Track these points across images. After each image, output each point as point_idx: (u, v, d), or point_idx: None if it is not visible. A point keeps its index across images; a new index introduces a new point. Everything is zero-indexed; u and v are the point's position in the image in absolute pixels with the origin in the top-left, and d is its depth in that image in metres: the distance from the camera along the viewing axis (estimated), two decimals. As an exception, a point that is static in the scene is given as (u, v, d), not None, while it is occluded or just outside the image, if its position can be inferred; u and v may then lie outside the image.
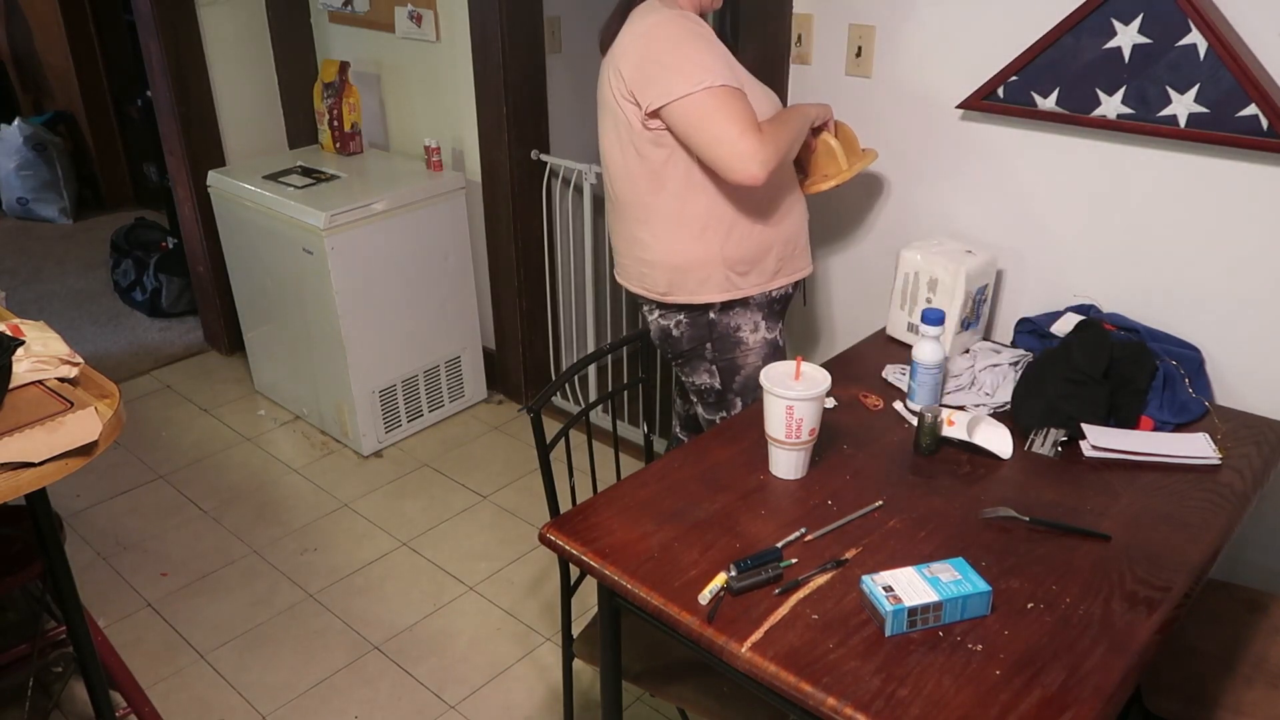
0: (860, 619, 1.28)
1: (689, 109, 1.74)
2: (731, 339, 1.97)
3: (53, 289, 4.48)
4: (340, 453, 3.20)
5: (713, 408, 2.06)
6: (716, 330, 1.96)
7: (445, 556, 2.71)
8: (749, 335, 1.97)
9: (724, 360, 1.99)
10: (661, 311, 1.99)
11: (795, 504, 1.52)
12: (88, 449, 1.48)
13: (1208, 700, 1.53)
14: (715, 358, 1.98)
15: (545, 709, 2.23)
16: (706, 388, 2.03)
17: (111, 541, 2.80)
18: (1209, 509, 1.51)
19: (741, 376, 2.00)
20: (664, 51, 1.76)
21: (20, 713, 2.19)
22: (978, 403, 1.78)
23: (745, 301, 1.96)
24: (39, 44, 5.35)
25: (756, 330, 1.98)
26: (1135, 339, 1.80)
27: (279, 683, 2.31)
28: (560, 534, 1.45)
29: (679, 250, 1.91)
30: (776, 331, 2.03)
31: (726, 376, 2.00)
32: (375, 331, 3.05)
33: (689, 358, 2.01)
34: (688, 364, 2.03)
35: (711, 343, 1.97)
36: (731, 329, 1.96)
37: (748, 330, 1.97)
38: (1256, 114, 1.65)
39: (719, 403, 2.04)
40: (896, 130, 2.14)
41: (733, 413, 2.03)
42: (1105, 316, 1.92)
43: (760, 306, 1.97)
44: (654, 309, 2.01)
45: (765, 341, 1.99)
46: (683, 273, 1.92)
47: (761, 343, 1.99)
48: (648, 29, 1.78)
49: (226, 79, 3.48)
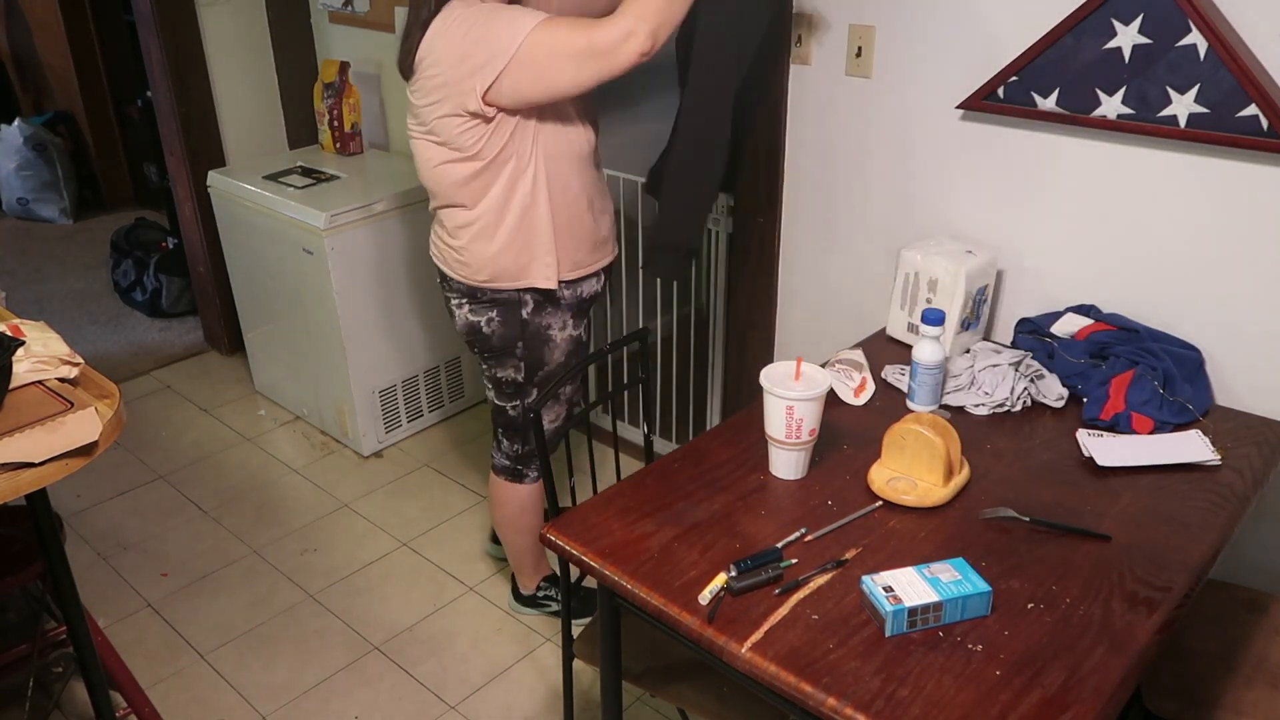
0: (860, 619, 1.28)
1: (530, 55, 1.74)
2: (541, 336, 2.04)
3: (53, 289, 4.48)
4: (340, 453, 3.20)
5: (508, 397, 2.15)
6: (529, 330, 2.03)
7: (445, 557, 2.71)
8: (558, 334, 2.06)
9: (533, 358, 2.07)
10: (472, 306, 2.04)
11: (795, 504, 1.52)
12: (88, 449, 1.48)
13: (1208, 700, 1.54)
14: (524, 354, 2.06)
15: (545, 709, 2.23)
16: (508, 380, 2.11)
17: (111, 541, 2.80)
18: (1209, 509, 1.51)
19: (543, 372, 2.10)
20: (472, 31, 1.77)
21: (20, 713, 2.19)
22: (977, 402, 1.79)
23: (557, 302, 2.03)
24: (39, 44, 5.35)
25: (564, 328, 2.06)
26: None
27: (279, 683, 2.31)
28: (560, 534, 1.45)
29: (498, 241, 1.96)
30: (582, 329, 2.11)
31: (530, 371, 2.09)
32: (375, 331, 3.05)
33: (497, 354, 2.08)
34: (493, 358, 2.10)
35: (523, 341, 2.05)
36: (542, 327, 2.03)
37: (556, 329, 2.05)
38: (1256, 114, 1.65)
39: (516, 393, 2.12)
40: (896, 130, 2.14)
41: (526, 402, 2.13)
42: (1105, 317, 1.92)
43: (568, 306, 2.05)
44: (464, 302, 2.06)
45: (571, 338, 2.09)
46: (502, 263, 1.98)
47: (567, 340, 2.08)
48: (446, 28, 1.81)
49: (226, 79, 3.48)
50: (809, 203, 2.35)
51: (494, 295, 2.02)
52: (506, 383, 2.12)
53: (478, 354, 2.13)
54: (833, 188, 2.29)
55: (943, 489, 1.51)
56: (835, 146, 2.25)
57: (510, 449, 2.25)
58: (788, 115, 2.30)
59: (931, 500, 1.50)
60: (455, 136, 1.87)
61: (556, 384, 1.82)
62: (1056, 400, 1.80)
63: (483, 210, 1.94)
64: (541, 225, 1.96)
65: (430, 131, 1.91)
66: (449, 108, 1.85)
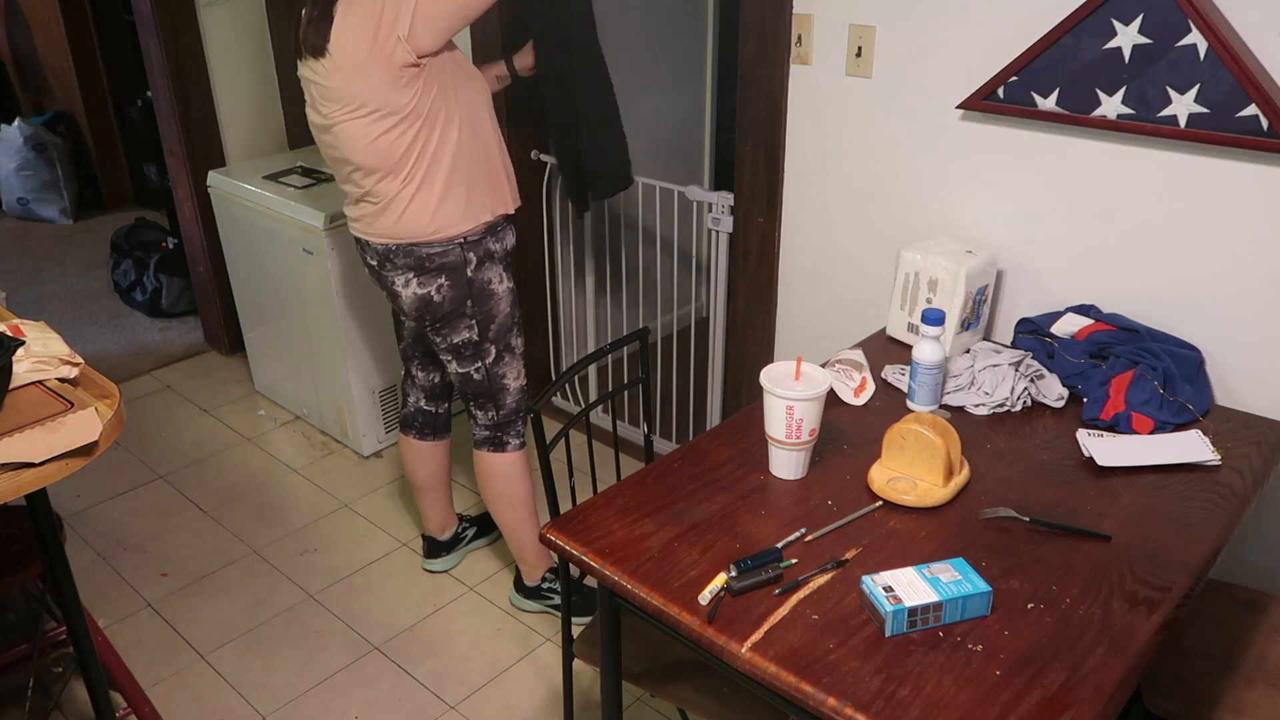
0: (860, 619, 1.28)
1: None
2: (486, 291, 2.18)
3: (53, 289, 4.48)
4: (340, 453, 3.20)
5: (469, 360, 2.24)
6: (474, 286, 2.16)
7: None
8: (498, 286, 2.20)
9: (482, 313, 2.19)
10: (420, 278, 2.13)
11: (795, 504, 1.52)
12: (88, 449, 1.48)
13: (1208, 700, 1.54)
14: (474, 312, 2.18)
15: (545, 709, 2.23)
16: (465, 342, 2.22)
17: (111, 541, 2.80)
18: (1209, 509, 1.51)
19: (495, 326, 2.22)
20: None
21: (20, 713, 2.19)
22: (977, 402, 1.79)
23: (492, 256, 2.17)
24: (39, 44, 5.35)
25: (502, 281, 2.21)
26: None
27: (279, 683, 2.31)
28: (560, 534, 1.45)
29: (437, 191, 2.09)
30: (511, 282, 2.24)
31: (483, 327, 2.21)
32: (375, 331, 3.05)
33: (449, 319, 2.18)
34: (446, 325, 2.19)
35: (471, 298, 2.17)
36: (485, 282, 2.18)
37: (496, 282, 2.19)
38: (1256, 114, 1.65)
39: (476, 353, 2.23)
40: (896, 130, 2.14)
41: (486, 361, 2.24)
42: (1105, 317, 1.92)
43: (499, 260, 2.20)
44: (411, 277, 2.14)
45: (509, 290, 2.23)
46: (447, 211, 2.10)
47: (507, 292, 2.22)
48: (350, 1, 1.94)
49: (226, 79, 3.48)
50: (809, 203, 2.35)
51: (440, 260, 2.12)
52: (465, 345, 2.21)
53: (430, 328, 2.22)
54: (833, 188, 2.29)
55: (943, 489, 1.51)
56: (835, 146, 2.25)
57: (485, 418, 2.31)
58: (788, 115, 2.30)
59: (931, 500, 1.50)
60: (391, 97, 1.97)
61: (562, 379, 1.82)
62: (1056, 400, 1.80)
63: (424, 166, 2.05)
64: (476, 166, 2.11)
65: (362, 105, 1.99)
66: (379, 71, 1.94)
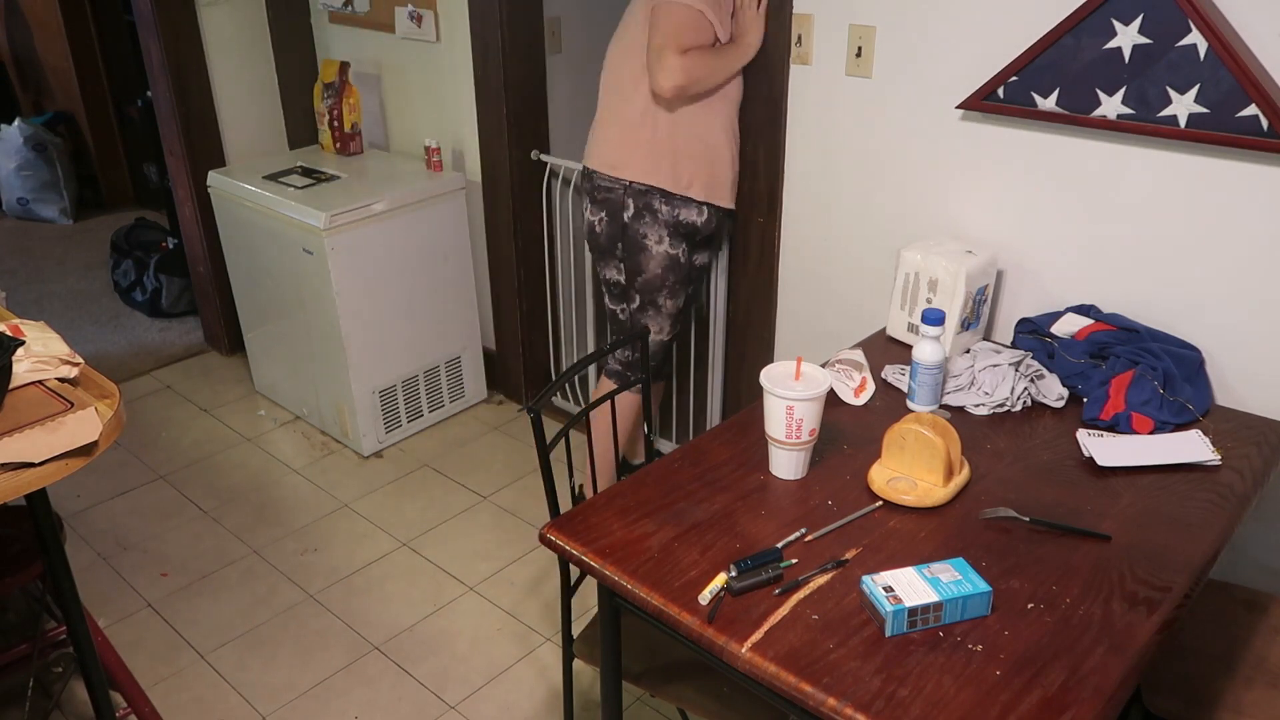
0: (860, 619, 1.28)
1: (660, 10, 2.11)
2: (638, 244, 2.30)
3: (53, 289, 4.48)
4: (340, 453, 3.20)
5: (617, 299, 2.43)
6: (628, 233, 2.30)
7: (445, 557, 2.72)
8: (654, 246, 2.30)
9: (631, 261, 2.33)
10: (592, 208, 2.33)
11: (795, 504, 1.52)
12: (88, 449, 1.48)
13: (1208, 700, 1.54)
14: (623, 255, 2.32)
15: (545, 709, 2.23)
16: (613, 281, 2.38)
17: (111, 541, 2.80)
18: (1209, 509, 1.51)
19: (642, 279, 2.33)
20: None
21: (20, 713, 2.19)
22: (977, 402, 1.79)
23: (655, 215, 2.27)
24: (39, 44, 5.35)
25: (661, 243, 2.30)
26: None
27: (279, 683, 2.31)
28: (560, 534, 1.45)
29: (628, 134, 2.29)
30: (680, 251, 2.33)
31: (630, 276, 2.34)
32: (375, 331, 3.05)
33: (602, 253, 2.36)
34: (601, 259, 2.38)
35: (623, 242, 2.30)
36: (640, 235, 2.29)
37: (653, 241, 2.30)
38: (1256, 114, 1.65)
39: (622, 295, 2.40)
40: (896, 130, 2.14)
41: (631, 307, 2.40)
42: (1105, 317, 1.92)
43: (667, 224, 2.29)
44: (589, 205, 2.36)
45: (668, 255, 2.32)
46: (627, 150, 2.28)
47: (664, 255, 2.31)
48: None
49: (226, 79, 3.48)
50: (809, 203, 2.35)
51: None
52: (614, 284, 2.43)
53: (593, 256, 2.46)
54: (833, 188, 2.29)
55: (943, 489, 1.51)
56: (835, 146, 2.25)
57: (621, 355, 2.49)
58: (788, 115, 2.31)
59: (931, 500, 1.50)
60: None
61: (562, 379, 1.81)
62: (1056, 400, 1.80)
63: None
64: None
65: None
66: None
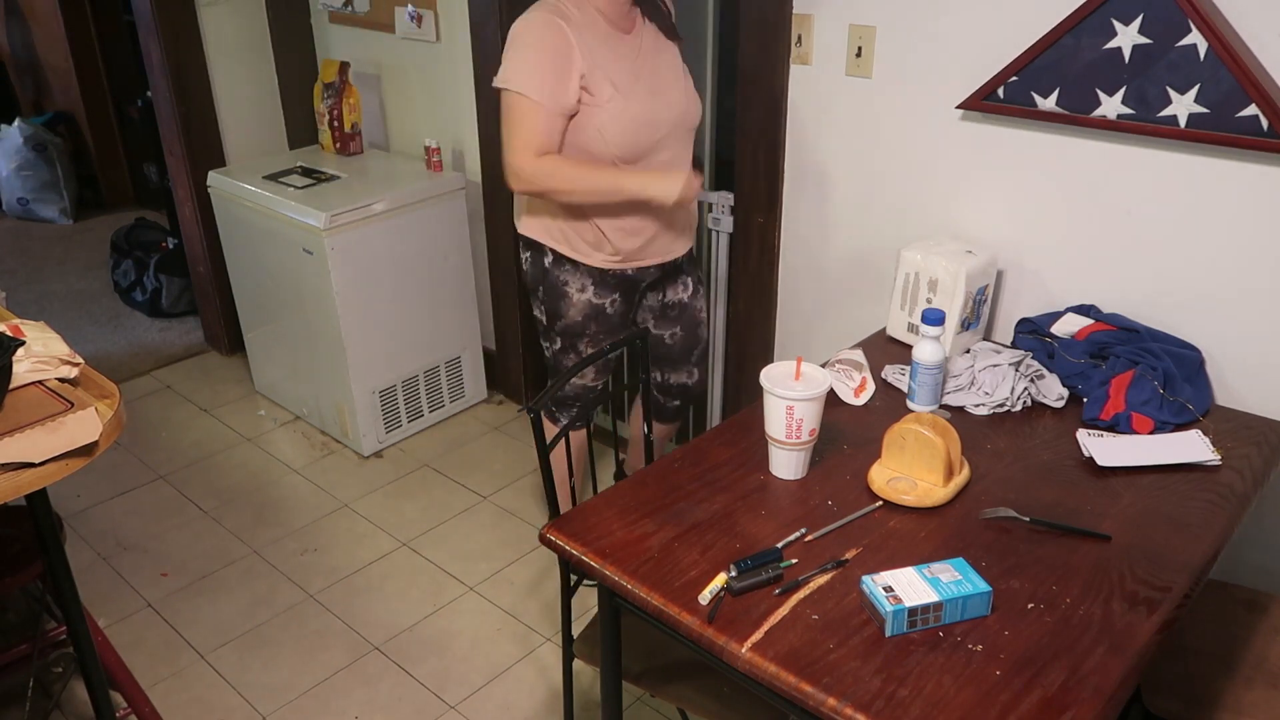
0: (860, 619, 1.28)
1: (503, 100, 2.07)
2: (559, 290, 2.26)
3: (53, 289, 4.48)
4: (340, 453, 3.20)
5: (541, 336, 2.39)
6: (548, 279, 2.27)
7: (445, 557, 2.71)
8: (575, 294, 2.25)
9: (550, 304, 2.30)
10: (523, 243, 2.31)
11: (795, 504, 1.52)
12: (88, 449, 1.48)
13: (1208, 700, 1.54)
14: (544, 298, 2.30)
15: (545, 709, 2.23)
16: (539, 319, 2.36)
17: (111, 541, 2.80)
18: (1209, 509, 1.51)
19: (561, 323, 2.30)
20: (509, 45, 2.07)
21: (20, 713, 2.19)
22: (977, 402, 1.79)
23: (575, 265, 2.23)
24: (39, 44, 5.35)
25: (584, 291, 2.25)
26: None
27: (279, 683, 2.31)
28: (560, 534, 1.45)
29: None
30: (606, 301, 2.27)
31: (550, 319, 2.32)
32: (375, 331, 3.05)
33: (529, 291, 2.35)
34: (531, 295, 2.36)
35: (543, 287, 2.28)
36: (560, 283, 2.26)
37: (574, 289, 2.25)
38: (1256, 114, 1.65)
39: (545, 334, 2.37)
40: (896, 130, 2.14)
41: (554, 348, 2.35)
42: (1105, 317, 1.92)
43: (590, 274, 2.24)
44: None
45: (590, 304, 2.26)
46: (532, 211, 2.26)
47: (586, 304, 2.26)
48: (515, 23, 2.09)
49: (226, 79, 3.48)
50: (809, 203, 2.35)
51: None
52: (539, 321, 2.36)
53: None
54: (833, 188, 2.29)
55: (943, 489, 1.51)
56: (835, 146, 2.25)
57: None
58: (788, 115, 2.31)
59: (931, 500, 1.50)
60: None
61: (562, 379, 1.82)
62: (1056, 400, 1.80)
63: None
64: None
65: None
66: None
